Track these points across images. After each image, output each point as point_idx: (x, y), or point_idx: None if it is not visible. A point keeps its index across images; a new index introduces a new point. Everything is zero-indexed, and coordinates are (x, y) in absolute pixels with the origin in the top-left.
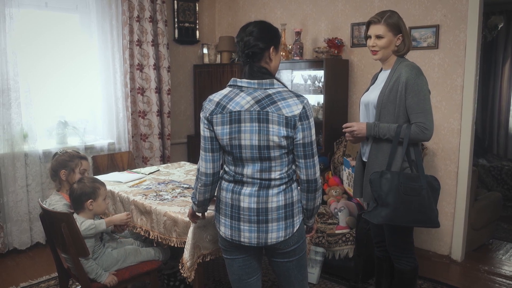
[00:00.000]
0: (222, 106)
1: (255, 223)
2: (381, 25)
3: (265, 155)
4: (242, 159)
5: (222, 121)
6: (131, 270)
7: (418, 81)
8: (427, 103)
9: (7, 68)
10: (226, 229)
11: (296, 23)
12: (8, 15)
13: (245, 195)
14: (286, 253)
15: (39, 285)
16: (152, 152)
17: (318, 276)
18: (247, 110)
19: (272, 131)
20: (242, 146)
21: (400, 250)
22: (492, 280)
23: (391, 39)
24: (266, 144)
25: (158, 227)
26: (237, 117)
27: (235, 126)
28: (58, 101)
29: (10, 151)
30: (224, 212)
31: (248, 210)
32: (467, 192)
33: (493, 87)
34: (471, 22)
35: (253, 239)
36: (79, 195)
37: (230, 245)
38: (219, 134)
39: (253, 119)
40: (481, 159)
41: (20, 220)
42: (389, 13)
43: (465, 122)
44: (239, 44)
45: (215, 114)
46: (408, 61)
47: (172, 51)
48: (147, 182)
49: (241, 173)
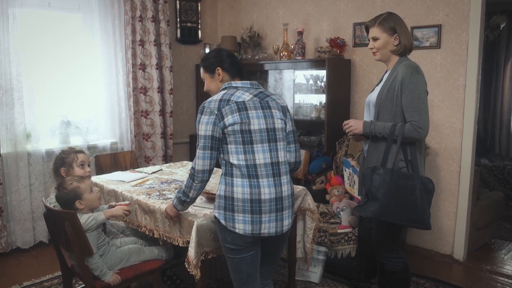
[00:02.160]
0: (226, 100)
1: (274, 212)
2: (376, 27)
3: (272, 136)
4: (252, 142)
5: (231, 111)
6: (134, 269)
7: (413, 79)
8: (422, 102)
9: (10, 67)
10: (245, 225)
11: (298, 23)
12: (11, 15)
13: (265, 187)
14: (283, 241)
15: (42, 284)
16: (155, 152)
17: (320, 276)
18: (250, 100)
19: (276, 115)
20: (252, 130)
21: (388, 250)
22: (494, 279)
23: (387, 40)
24: (272, 127)
25: (162, 226)
26: (243, 106)
27: (243, 113)
28: (61, 100)
29: (13, 150)
30: (242, 209)
31: (269, 201)
32: (469, 192)
33: (495, 86)
34: (473, 22)
35: (272, 229)
36: (64, 202)
37: (245, 242)
38: (230, 121)
39: (257, 107)
40: (483, 159)
41: (23, 219)
42: (384, 15)
43: (467, 122)
44: (229, 59)
45: (223, 107)
46: (409, 60)
47: (175, 51)
48: (150, 182)
49: (253, 161)
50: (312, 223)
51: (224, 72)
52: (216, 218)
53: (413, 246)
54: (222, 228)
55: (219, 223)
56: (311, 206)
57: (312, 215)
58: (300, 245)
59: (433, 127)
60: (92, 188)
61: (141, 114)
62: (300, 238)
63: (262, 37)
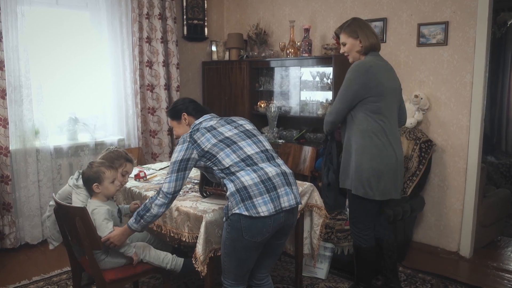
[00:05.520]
0: (194, 130)
1: (288, 185)
2: (342, 34)
3: (248, 134)
4: (236, 142)
5: (202, 133)
6: (143, 264)
7: (347, 76)
8: (338, 99)
9: (19, 65)
10: (267, 205)
11: (304, 20)
12: (20, 13)
13: (266, 167)
14: (292, 229)
15: (51, 279)
16: (161, 148)
17: (327, 272)
18: (217, 123)
19: (242, 121)
20: (228, 136)
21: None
22: (501, 276)
23: (353, 43)
24: (244, 129)
25: (170, 222)
26: (211, 127)
27: (214, 131)
28: (69, 97)
29: (22, 147)
30: (258, 192)
31: (277, 175)
32: (475, 189)
33: (502, 83)
34: (481, 19)
35: (292, 200)
36: (85, 180)
37: (267, 231)
38: (204, 141)
39: (224, 124)
40: (490, 156)
41: (32, 215)
42: (349, 22)
43: (474, 119)
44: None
45: (194, 134)
46: (368, 58)
47: (181, 48)
48: (158, 178)
49: (245, 154)
50: (319, 219)
51: (189, 116)
52: (237, 214)
53: (419, 243)
54: (240, 226)
55: (238, 222)
56: (318, 202)
57: (319, 211)
58: (307, 241)
59: (440, 124)
60: (115, 180)
61: (148, 111)
62: (307, 234)
63: (269, 34)
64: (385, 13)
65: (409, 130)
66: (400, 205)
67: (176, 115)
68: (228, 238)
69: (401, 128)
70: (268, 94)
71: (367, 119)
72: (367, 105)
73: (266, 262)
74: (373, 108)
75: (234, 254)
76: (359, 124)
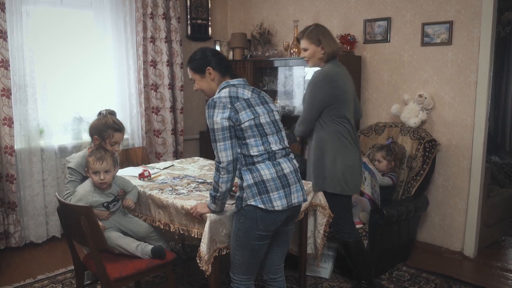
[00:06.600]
0: (234, 97)
1: (298, 183)
2: (304, 39)
3: (277, 127)
4: (266, 134)
5: (243, 107)
6: (148, 262)
7: (311, 85)
8: (307, 106)
9: (23, 64)
10: (281, 200)
11: (308, 20)
12: (24, 13)
13: (283, 163)
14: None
15: (56, 277)
16: (165, 148)
17: (330, 271)
18: (251, 97)
19: (273, 108)
20: (263, 124)
21: (339, 223)
22: (505, 276)
23: (315, 49)
24: (274, 119)
25: (178, 219)
26: (250, 103)
27: (253, 109)
28: (73, 97)
29: (27, 146)
30: (275, 187)
31: (291, 173)
32: (479, 189)
33: (506, 83)
34: (485, 18)
35: (300, 197)
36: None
37: (280, 220)
38: (244, 117)
39: (258, 103)
40: (494, 156)
41: (37, 214)
42: (311, 28)
43: (478, 119)
44: (215, 58)
45: (235, 103)
46: (329, 65)
47: (185, 48)
48: (162, 177)
49: (271, 148)
50: (323, 219)
51: (214, 71)
52: (253, 206)
53: (423, 242)
54: (255, 215)
55: (253, 212)
56: (322, 201)
57: (323, 210)
58: (310, 241)
59: (444, 124)
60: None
61: (152, 111)
62: (310, 234)
63: (272, 34)
64: (389, 13)
65: (413, 130)
66: (404, 205)
67: (199, 68)
68: (241, 229)
69: (405, 128)
70: (272, 94)
71: (333, 122)
72: (332, 111)
73: (278, 251)
74: (338, 114)
75: (247, 244)
76: (327, 127)
